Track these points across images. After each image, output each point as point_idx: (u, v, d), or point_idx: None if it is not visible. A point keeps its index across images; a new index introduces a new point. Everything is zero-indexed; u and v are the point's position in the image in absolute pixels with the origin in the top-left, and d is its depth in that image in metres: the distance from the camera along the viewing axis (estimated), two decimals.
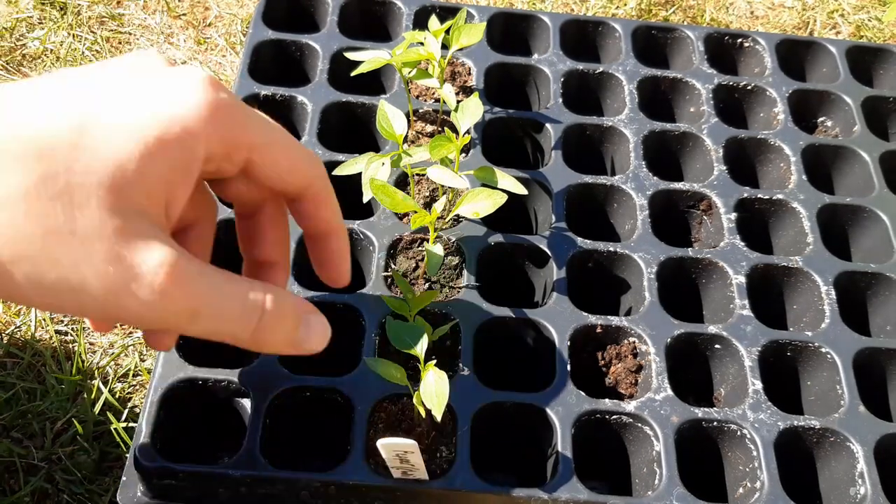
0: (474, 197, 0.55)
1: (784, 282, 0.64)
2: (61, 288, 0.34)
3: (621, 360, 0.59)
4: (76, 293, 0.34)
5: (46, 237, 0.33)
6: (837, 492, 0.55)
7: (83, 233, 0.33)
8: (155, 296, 0.35)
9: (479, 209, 0.54)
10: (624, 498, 0.51)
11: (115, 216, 0.34)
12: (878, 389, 0.60)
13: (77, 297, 0.34)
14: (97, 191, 0.34)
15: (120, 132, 0.35)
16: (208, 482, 0.51)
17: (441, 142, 0.56)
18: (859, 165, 0.72)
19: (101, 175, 0.34)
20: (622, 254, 0.63)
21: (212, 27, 1.13)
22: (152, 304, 0.35)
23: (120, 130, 0.35)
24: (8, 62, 1.05)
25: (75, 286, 0.34)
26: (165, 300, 0.35)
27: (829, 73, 0.80)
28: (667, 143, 0.72)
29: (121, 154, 0.34)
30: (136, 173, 0.35)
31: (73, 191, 0.33)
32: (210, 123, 0.37)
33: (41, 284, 0.34)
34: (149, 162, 0.35)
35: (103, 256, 0.34)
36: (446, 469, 0.51)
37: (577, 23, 0.80)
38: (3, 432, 0.76)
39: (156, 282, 0.35)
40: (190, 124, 0.36)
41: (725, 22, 1.21)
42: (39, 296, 0.34)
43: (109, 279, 0.34)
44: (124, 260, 0.34)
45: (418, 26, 0.77)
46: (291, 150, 0.42)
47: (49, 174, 0.33)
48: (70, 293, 0.34)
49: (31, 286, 0.34)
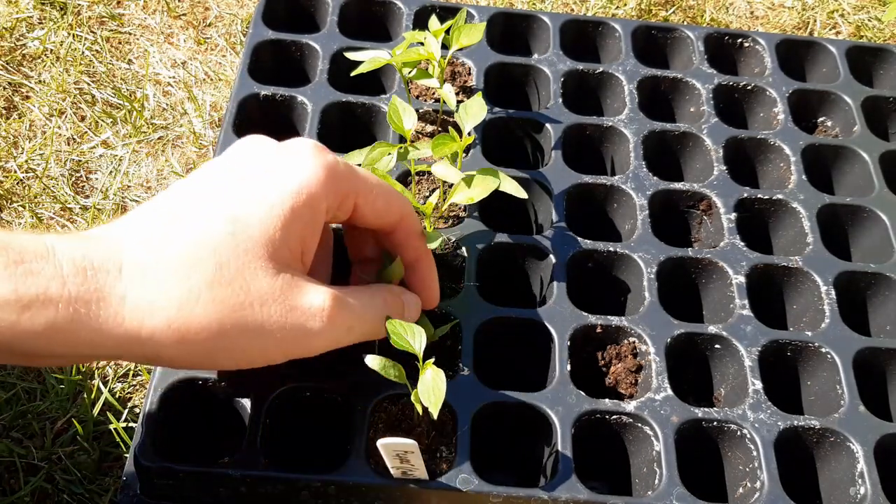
0: (467, 183, 0.56)
1: (784, 282, 0.64)
2: (253, 349, 0.43)
3: (621, 360, 0.59)
4: (264, 349, 0.44)
5: (234, 314, 0.42)
6: (837, 492, 0.55)
7: (259, 300, 0.42)
8: (325, 325, 0.44)
9: (473, 194, 0.55)
10: (624, 498, 0.51)
11: (276, 278, 0.43)
12: (878, 389, 0.60)
13: (265, 352, 0.44)
14: (258, 263, 0.43)
15: (262, 212, 0.43)
16: (208, 482, 0.51)
17: (444, 140, 0.56)
18: (859, 165, 0.72)
19: (257, 251, 0.43)
20: (622, 254, 0.63)
21: (212, 27, 1.13)
22: (322, 333, 0.45)
23: (262, 210, 0.43)
24: (8, 62, 1.05)
25: (263, 343, 0.43)
26: (332, 326, 0.45)
27: (829, 73, 0.80)
28: (667, 143, 0.72)
29: (268, 230, 0.43)
30: (281, 240, 0.44)
31: (242, 271, 0.42)
32: (326, 184, 0.45)
33: (234, 350, 0.43)
34: (289, 228, 0.44)
35: (280, 312, 0.43)
36: (446, 469, 0.51)
37: (577, 23, 0.80)
38: (3, 432, 0.76)
39: (325, 315, 0.44)
40: (313, 190, 0.45)
41: (725, 22, 1.21)
42: (234, 361, 0.44)
43: (289, 327, 0.43)
44: (296, 309, 0.44)
45: (418, 26, 0.77)
46: (386, 192, 0.50)
47: (222, 264, 0.42)
48: (260, 351, 0.44)
49: (226, 356, 0.43)
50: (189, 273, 0.41)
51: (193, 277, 0.41)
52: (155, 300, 0.40)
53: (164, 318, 0.40)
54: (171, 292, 0.41)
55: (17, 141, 0.98)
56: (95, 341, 0.40)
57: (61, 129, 0.99)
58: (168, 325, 0.40)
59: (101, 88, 1.04)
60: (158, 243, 0.42)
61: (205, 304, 0.41)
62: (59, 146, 0.98)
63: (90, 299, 0.39)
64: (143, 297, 0.40)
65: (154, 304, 0.40)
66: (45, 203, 0.92)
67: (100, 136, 0.99)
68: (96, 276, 0.40)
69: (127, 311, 0.40)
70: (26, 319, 0.38)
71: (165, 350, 0.41)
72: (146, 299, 0.40)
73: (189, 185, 0.46)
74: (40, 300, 0.38)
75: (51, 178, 0.94)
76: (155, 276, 0.41)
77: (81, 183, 0.96)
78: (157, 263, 0.41)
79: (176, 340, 0.41)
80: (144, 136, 0.99)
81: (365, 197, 0.48)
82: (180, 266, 0.41)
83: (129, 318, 0.40)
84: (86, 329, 0.39)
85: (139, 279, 0.40)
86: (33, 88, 1.03)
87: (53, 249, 0.39)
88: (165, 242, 0.42)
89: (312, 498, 0.51)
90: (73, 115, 1.01)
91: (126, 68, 1.07)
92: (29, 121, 1.00)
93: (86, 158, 0.97)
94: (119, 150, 0.98)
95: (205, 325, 0.41)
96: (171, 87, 1.05)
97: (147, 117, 1.01)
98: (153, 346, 0.41)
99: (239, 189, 0.45)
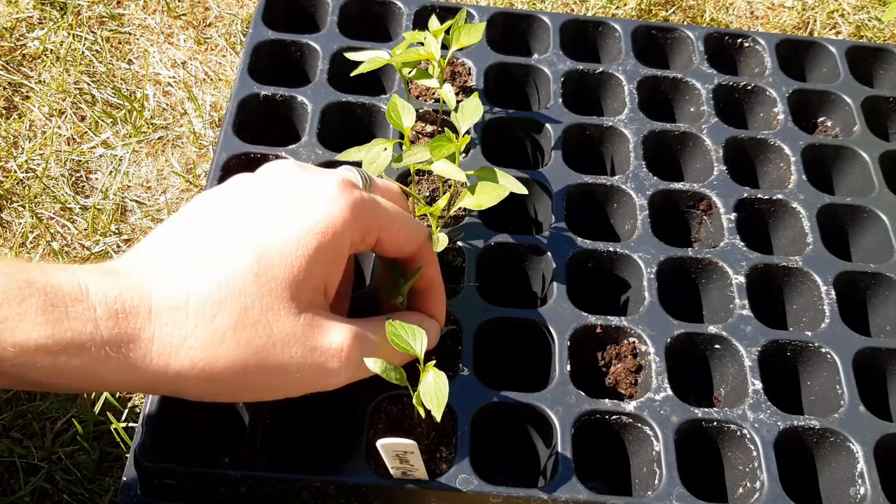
0: (478, 190, 0.56)
1: (784, 282, 0.64)
2: (274, 386, 0.45)
3: (621, 360, 0.59)
4: (284, 387, 0.46)
5: (257, 356, 0.43)
6: (837, 492, 0.55)
7: (282, 342, 0.44)
8: (342, 364, 0.46)
9: (483, 201, 0.55)
10: (624, 498, 0.51)
11: (297, 318, 0.44)
12: (878, 389, 0.60)
13: (285, 389, 0.46)
14: (281, 305, 0.44)
15: (287, 251, 0.44)
16: (208, 482, 0.51)
17: (441, 142, 0.56)
18: (859, 165, 0.72)
19: (281, 292, 0.44)
20: (622, 254, 0.63)
21: (212, 27, 1.13)
22: (340, 372, 0.46)
23: (287, 249, 0.44)
24: (8, 62, 1.05)
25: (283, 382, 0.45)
26: (350, 364, 0.46)
27: (829, 73, 0.80)
28: (667, 143, 0.72)
29: (293, 270, 0.44)
30: (305, 280, 0.45)
31: (266, 313, 0.43)
32: (350, 221, 0.46)
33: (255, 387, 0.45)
34: (313, 267, 0.45)
35: (301, 353, 0.45)
36: (446, 469, 0.51)
37: (577, 23, 0.80)
38: (3, 432, 0.76)
39: (342, 355, 0.46)
40: (338, 228, 0.46)
41: (725, 22, 1.21)
42: (255, 396, 0.46)
43: (308, 367, 0.45)
44: (316, 349, 0.45)
45: (418, 26, 0.77)
46: (407, 225, 0.51)
47: (246, 307, 0.43)
48: (280, 389, 0.46)
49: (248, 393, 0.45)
50: (214, 315, 0.43)
51: (218, 320, 0.43)
52: (181, 343, 0.42)
53: (190, 358, 0.42)
54: (198, 334, 0.42)
55: (17, 141, 0.98)
56: (124, 380, 0.42)
57: (61, 129, 0.99)
58: (193, 365, 0.42)
59: (101, 88, 1.04)
60: (185, 286, 0.43)
61: (228, 347, 0.43)
62: (59, 146, 0.98)
63: (121, 343, 0.41)
64: (170, 340, 0.42)
65: (181, 346, 0.42)
66: (45, 203, 0.92)
67: (100, 136, 0.99)
68: (127, 319, 0.42)
69: (155, 354, 0.42)
70: (62, 362, 0.40)
71: (191, 388, 0.44)
72: (173, 343, 0.42)
73: (212, 212, 0.47)
74: (75, 343, 0.40)
75: (51, 178, 0.94)
76: (182, 318, 0.42)
77: (81, 183, 0.95)
78: (185, 306, 0.42)
79: (201, 379, 0.43)
80: (144, 136, 0.99)
81: (388, 231, 0.50)
82: (206, 308, 0.43)
83: (157, 360, 0.42)
84: (116, 370, 0.41)
85: (167, 321, 0.42)
86: (33, 88, 1.03)
87: (87, 291, 0.41)
88: (191, 284, 0.43)
89: (312, 498, 0.51)
90: (73, 115, 1.01)
91: (126, 68, 1.07)
92: (29, 121, 1.00)
93: (86, 158, 0.97)
94: (119, 150, 0.98)
95: (228, 366, 0.43)
96: (171, 87, 1.05)
97: (147, 117, 1.01)
98: (179, 384, 0.43)
99: (264, 222, 0.45)
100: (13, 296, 0.39)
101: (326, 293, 0.47)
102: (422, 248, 0.53)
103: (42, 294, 0.40)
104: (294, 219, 0.45)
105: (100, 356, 0.41)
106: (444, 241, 0.57)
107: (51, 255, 0.88)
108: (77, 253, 0.89)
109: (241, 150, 0.67)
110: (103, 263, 0.45)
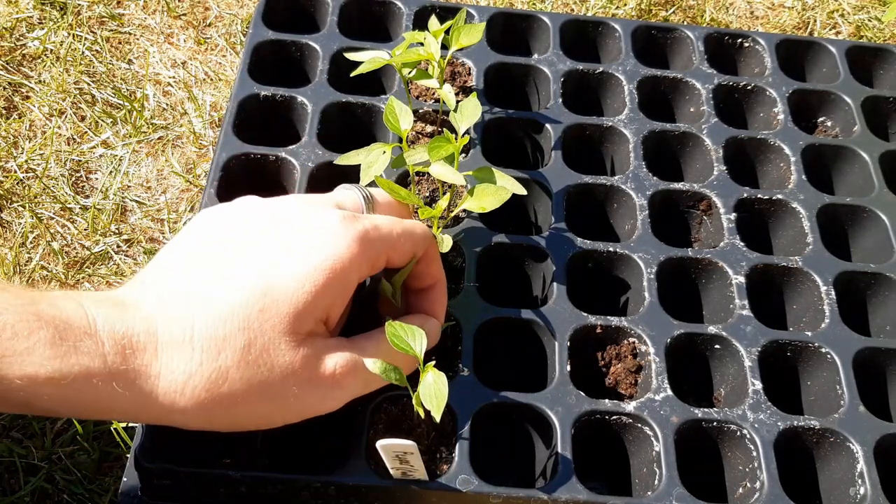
0: (481, 193, 0.56)
1: (784, 282, 0.64)
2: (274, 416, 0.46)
3: (621, 361, 0.59)
4: (283, 415, 0.46)
5: (259, 391, 0.44)
6: (837, 492, 0.55)
7: (282, 375, 0.45)
8: (340, 390, 0.47)
9: (486, 204, 0.55)
10: (624, 498, 0.51)
11: (297, 351, 0.45)
12: (878, 389, 0.60)
13: (284, 416, 0.47)
14: (282, 338, 0.44)
15: (292, 287, 0.45)
16: (208, 483, 0.51)
17: (440, 143, 0.56)
18: (859, 165, 0.72)
19: (283, 326, 0.44)
20: (622, 254, 0.63)
21: (212, 27, 1.13)
22: (339, 397, 0.47)
23: (292, 285, 0.45)
24: (8, 62, 1.05)
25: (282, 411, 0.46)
26: (345, 389, 0.47)
27: (829, 73, 0.80)
28: (667, 143, 0.72)
29: (297, 304, 0.45)
30: (308, 312, 0.45)
31: (267, 348, 0.44)
32: (357, 255, 0.47)
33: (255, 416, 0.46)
34: (319, 300, 0.45)
35: (300, 384, 0.45)
36: (446, 470, 0.51)
37: (577, 23, 0.80)
38: (3, 432, 0.76)
39: (339, 383, 0.46)
40: (346, 263, 0.46)
41: (725, 22, 1.21)
42: (254, 424, 0.47)
43: (306, 396, 0.46)
44: (314, 379, 0.46)
45: (418, 26, 0.77)
46: (411, 237, 0.51)
47: (250, 343, 0.44)
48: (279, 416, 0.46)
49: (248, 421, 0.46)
50: (219, 353, 0.43)
51: (222, 357, 0.43)
52: (187, 381, 0.43)
53: (195, 398, 0.43)
54: (202, 372, 0.43)
55: (17, 141, 0.98)
56: (130, 412, 0.44)
57: (61, 129, 0.99)
58: (198, 404, 0.44)
59: (101, 88, 1.04)
60: (190, 320, 0.44)
61: (232, 384, 0.44)
62: (59, 146, 0.98)
63: (128, 378, 0.42)
64: (176, 377, 0.43)
65: (186, 384, 0.43)
66: (45, 203, 0.92)
67: (100, 136, 0.99)
68: (135, 355, 0.43)
69: (161, 391, 0.43)
70: (69, 395, 0.41)
71: (192, 423, 0.45)
72: (179, 381, 0.43)
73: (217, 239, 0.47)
74: (82, 377, 0.41)
75: (51, 178, 0.94)
76: (187, 354, 0.43)
77: (81, 183, 0.95)
78: (190, 341, 0.43)
79: (203, 412, 0.44)
80: (144, 136, 0.99)
81: (394, 250, 0.50)
82: (211, 345, 0.43)
83: (163, 397, 0.43)
84: (122, 403, 0.43)
85: (172, 356, 0.43)
86: (33, 88, 1.03)
87: (95, 324, 0.42)
88: (196, 318, 0.44)
89: (312, 498, 0.51)
90: (73, 115, 1.01)
91: (126, 68, 1.07)
92: (29, 121, 1.00)
93: (86, 158, 0.97)
94: (119, 150, 0.98)
95: (231, 401, 0.44)
96: (171, 87, 1.05)
97: (147, 117, 1.01)
98: (182, 419, 0.44)
99: (271, 254, 0.46)
100: (22, 329, 0.40)
101: (328, 322, 0.47)
102: (428, 249, 0.53)
103: (51, 327, 0.41)
104: (302, 253, 0.46)
105: (107, 391, 0.42)
106: (449, 242, 0.58)
107: (51, 254, 0.88)
108: (77, 253, 0.89)
109: (241, 150, 0.67)
110: (110, 292, 0.46)
